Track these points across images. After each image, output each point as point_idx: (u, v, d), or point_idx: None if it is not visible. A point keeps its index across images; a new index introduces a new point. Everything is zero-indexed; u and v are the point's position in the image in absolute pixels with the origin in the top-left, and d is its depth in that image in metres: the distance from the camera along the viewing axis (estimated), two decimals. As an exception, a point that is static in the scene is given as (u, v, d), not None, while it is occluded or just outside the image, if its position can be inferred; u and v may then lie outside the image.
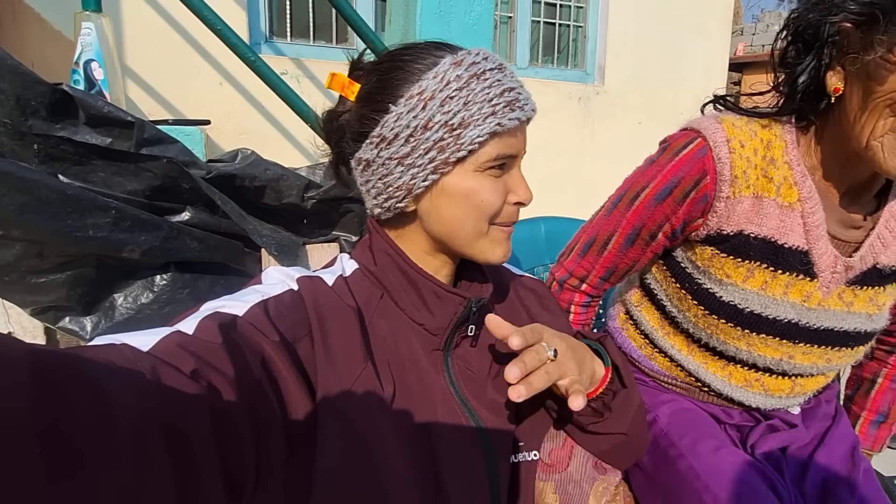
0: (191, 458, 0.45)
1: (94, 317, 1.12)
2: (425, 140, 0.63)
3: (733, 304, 0.81)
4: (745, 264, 0.80)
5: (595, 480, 0.72)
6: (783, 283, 0.79)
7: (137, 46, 2.37)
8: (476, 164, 0.64)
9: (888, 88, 0.66)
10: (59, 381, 0.36)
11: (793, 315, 0.80)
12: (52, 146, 1.00)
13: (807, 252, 0.79)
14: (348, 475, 0.58)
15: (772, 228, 0.78)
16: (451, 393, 0.68)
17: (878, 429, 0.97)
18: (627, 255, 0.89)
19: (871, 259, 0.80)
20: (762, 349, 0.83)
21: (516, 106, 0.64)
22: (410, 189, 0.65)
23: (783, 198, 0.78)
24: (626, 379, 0.74)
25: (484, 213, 0.66)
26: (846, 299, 0.81)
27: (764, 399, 0.87)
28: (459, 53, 0.65)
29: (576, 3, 3.70)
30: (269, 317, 0.59)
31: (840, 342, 0.83)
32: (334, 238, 1.37)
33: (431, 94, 0.63)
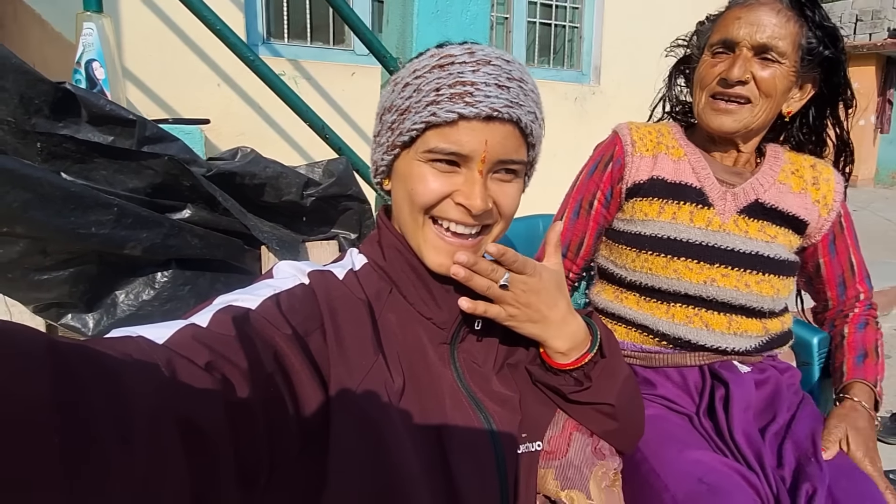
0: (205, 449, 0.45)
1: (96, 314, 1.12)
2: (386, 122, 0.68)
3: (654, 235, 1.03)
4: (656, 202, 1.05)
5: (594, 465, 0.74)
6: (688, 212, 1.03)
7: (136, 48, 2.38)
8: (418, 153, 0.65)
9: (698, 74, 1.04)
10: (77, 371, 0.37)
11: (701, 237, 1.02)
12: (54, 144, 1.01)
13: (700, 188, 1.05)
14: (361, 466, 0.59)
15: (669, 172, 1.06)
16: (458, 386, 0.69)
17: (864, 363, 1.03)
18: (576, 227, 1.13)
19: (753, 194, 1.04)
20: (687, 274, 1.01)
21: (462, 100, 0.61)
22: (377, 165, 0.72)
23: (672, 154, 1.08)
24: (607, 349, 0.76)
25: (415, 202, 0.65)
26: (741, 226, 1.03)
27: (707, 334, 1.00)
28: (449, 46, 0.67)
29: (571, 4, 3.72)
30: (282, 310, 0.60)
31: (749, 265, 1.01)
32: (333, 235, 1.38)
33: (400, 79, 0.67)
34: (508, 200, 0.68)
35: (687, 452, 0.86)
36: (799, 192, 1.06)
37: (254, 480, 0.52)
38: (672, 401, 1.00)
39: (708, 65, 1.01)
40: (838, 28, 1.02)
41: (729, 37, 0.98)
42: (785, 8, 0.97)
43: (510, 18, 3.51)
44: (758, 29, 0.96)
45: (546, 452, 0.74)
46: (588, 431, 0.78)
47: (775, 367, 1.06)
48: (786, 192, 1.05)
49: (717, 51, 1.00)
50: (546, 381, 0.75)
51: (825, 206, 1.07)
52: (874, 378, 1.02)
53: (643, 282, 1.05)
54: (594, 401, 0.74)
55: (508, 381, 0.75)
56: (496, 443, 0.68)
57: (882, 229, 6.56)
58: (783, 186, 1.06)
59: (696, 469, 0.83)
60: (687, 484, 0.81)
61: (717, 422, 0.95)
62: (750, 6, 0.98)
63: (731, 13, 1.00)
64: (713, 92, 1.00)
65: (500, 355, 0.76)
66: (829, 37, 1.00)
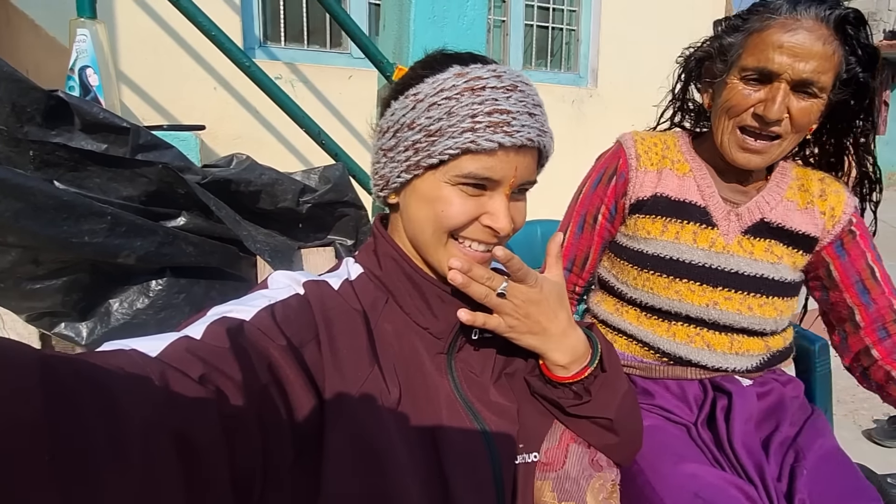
0: (200, 462, 0.45)
1: (90, 322, 1.11)
2: (405, 139, 0.65)
3: (657, 254, 1.00)
4: (659, 220, 1.02)
5: (592, 477, 0.73)
6: (691, 232, 1.00)
7: (132, 53, 2.37)
8: (448, 176, 0.64)
9: (724, 99, 0.94)
10: (69, 386, 0.37)
11: (704, 259, 0.99)
12: (47, 152, 1.00)
13: (704, 207, 1.01)
14: (356, 478, 0.59)
15: (673, 189, 1.02)
16: (455, 396, 0.69)
17: None
18: (581, 242, 1.10)
19: (759, 213, 1.00)
20: (689, 296, 0.99)
21: (501, 129, 0.62)
22: (388, 181, 0.69)
23: (678, 169, 1.04)
24: (607, 363, 0.75)
25: (442, 224, 0.66)
26: (746, 247, 1.00)
27: (709, 355, 0.98)
28: (472, 66, 0.65)
29: (568, 7, 3.72)
30: (276, 321, 0.60)
31: (753, 287, 0.98)
32: (329, 242, 1.38)
33: (423, 97, 0.64)
34: (522, 217, 0.71)
35: (683, 466, 0.86)
36: (805, 207, 1.01)
37: (248, 492, 0.51)
38: (670, 411, 0.99)
39: (740, 93, 0.91)
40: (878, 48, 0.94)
41: (768, 67, 0.87)
42: (830, 35, 0.87)
43: (507, 21, 3.51)
44: (802, 61, 0.86)
45: (543, 464, 0.74)
46: (586, 443, 0.77)
47: (777, 379, 1.05)
48: (792, 210, 1.01)
49: (750, 77, 0.91)
50: (545, 394, 0.74)
51: (831, 218, 1.00)
52: None
53: (644, 300, 1.02)
54: (593, 415, 0.73)
55: (506, 391, 0.74)
56: (493, 453, 0.67)
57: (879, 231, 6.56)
58: (790, 204, 1.01)
59: (691, 483, 0.82)
60: (683, 499, 0.81)
61: (716, 432, 0.94)
62: (793, 30, 0.86)
63: (770, 36, 0.88)
64: (743, 124, 0.92)
65: (498, 365, 0.75)
66: (869, 58, 0.92)
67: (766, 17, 0.90)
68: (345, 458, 0.59)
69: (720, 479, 0.84)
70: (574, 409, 0.73)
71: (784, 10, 0.88)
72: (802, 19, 0.87)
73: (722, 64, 0.95)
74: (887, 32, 10.83)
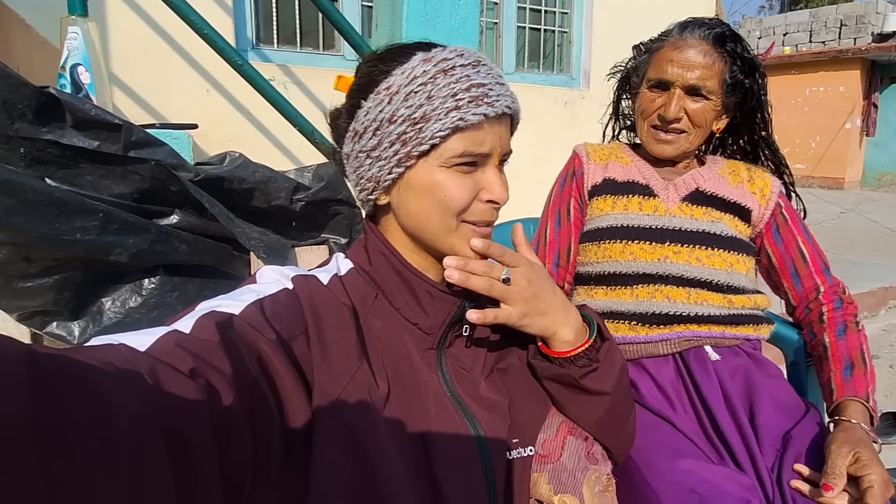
0: (190, 458, 0.45)
1: (82, 321, 1.11)
2: (389, 133, 0.65)
3: (610, 226, 1.13)
4: (609, 198, 1.17)
5: (588, 470, 0.73)
6: (637, 203, 1.15)
7: (124, 53, 2.37)
8: (441, 159, 0.65)
9: (638, 106, 1.16)
10: (56, 382, 0.36)
11: (651, 222, 1.12)
12: (38, 149, 1.00)
13: (646, 184, 1.17)
14: (345, 474, 0.58)
15: (619, 174, 1.19)
16: (444, 391, 0.69)
17: (852, 376, 1.00)
18: (561, 235, 1.21)
19: (693, 184, 1.16)
20: (642, 255, 1.09)
21: (483, 101, 0.64)
22: (378, 181, 0.67)
23: (621, 161, 1.22)
24: (607, 333, 0.76)
25: (448, 208, 0.66)
26: (686, 211, 1.13)
27: (669, 305, 1.07)
28: (433, 50, 0.66)
29: (560, 9, 3.74)
30: (266, 315, 0.59)
31: (698, 241, 1.10)
32: (323, 240, 1.38)
33: (397, 89, 0.64)
34: (508, 189, 0.71)
35: (679, 462, 0.86)
36: (736, 185, 1.17)
37: (238, 489, 0.51)
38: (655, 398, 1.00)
39: (647, 99, 1.13)
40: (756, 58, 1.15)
41: (663, 77, 1.09)
42: (711, 49, 1.08)
43: (500, 24, 3.52)
44: (688, 71, 1.07)
45: (539, 456, 0.74)
46: (582, 435, 0.77)
47: (747, 352, 1.08)
48: (724, 184, 1.16)
49: (652, 86, 1.12)
50: (553, 373, 0.74)
51: (763, 197, 1.15)
52: (865, 391, 0.98)
53: (606, 270, 1.12)
54: (600, 388, 0.74)
55: (498, 385, 0.74)
56: (483, 448, 0.67)
57: (869, 231, 6.64)
58: (721, 179, 1.17)
59: (687, 479, 0.83)
60: (679, 496, 0.81)
61: (702, 423, 0.95)
62: (679, 48, 1.09)
63: (664, 53, 1.11)
64: (653, 124, 1.13)
65: (490, 360, 0.75)
66: (749, 66, 1.12)
67: (662, 39, 1.14)
68: (333, 453, 0.58)
69: (716, 475, 0.84)
70: (585, 381, 0.73)
71: (675, 34, 1.12)
72: (688, 38, 1.09)
73: (636, 78, 1.19)
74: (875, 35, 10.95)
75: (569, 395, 0.76)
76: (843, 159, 11.16)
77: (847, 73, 11.00)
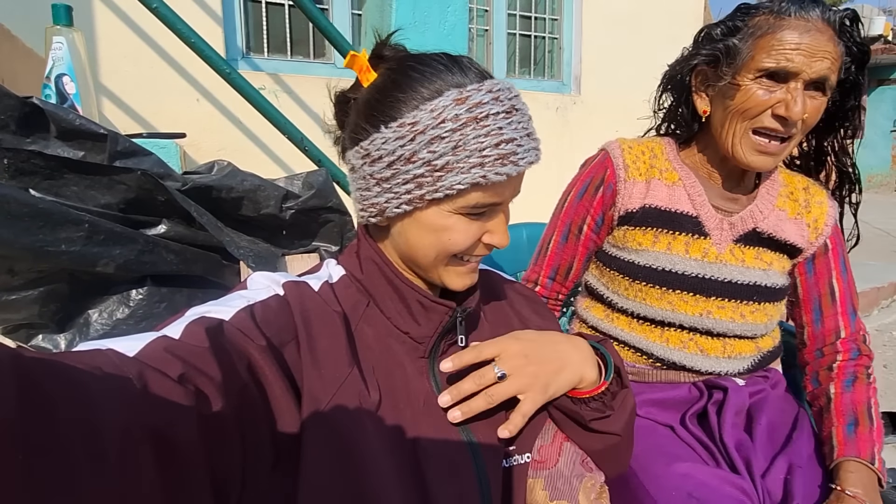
0: (178, 464, 0.44)
1: (69, 334, 1.09)
2: (405, 172, 0.61)
3: (649, 266, 0.99)
4: (650, 231, 1.00)
5: (583, 477, 0.72)
6: (683, 243, 0.99)
7: (113, 63, 2.36)
8: (453, 207, 0.63)
9: (737, 102, 0.91)
10: (44, 386, 0.36)
11: (698, 270, 0.98)
12: (22, 160, 0.98)
13: (696, 217, 1.00)
14: (334, 482, 0.58)
15: (663, 200, 1.01)
16: (436, 399, 0.68)
17: (855, 434, 0.91)
18: (565, 252, 1.09)
19: (751, 222, 1.00)
20: (682, 306, 0.98)
21: (509, 160, 0.61)
22: (383, 211, 0.65)
23: (666, 178, 1.02)
24: (626, 379, 0.75)
25: (449, 251, 0.65)
26: (738, 256, 1.00)
27: (702, 360, 0.98)
28: (469, 88, 0.61)
29: (550, 16, 3.76)
30: (256, 322, 0.59)
31: (746, 296, 0.98)
32: (314, 249, 1.36)
33: (423, 129, 0.60)
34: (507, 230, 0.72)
35: (676, 466, 0.85)
36: (794, 217, 1.02)
37: (227, 495, 0.50)
38: (658, 407, 0.98)
39: (756, 95, 0.89)
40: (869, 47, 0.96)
41: (787, 68, 0.86)
42: (835, 34, 0.89)
43: (490, 30, 3.54)
44: (818, 60, 0.86)
45: (536, 462, 0.73)
46: (578, 442, 0.76)
47: (766, 377, 1.05)
48: (783, 220, 1.01)
49: (763, 77, 0.89)
50: (565, 407, 0.73)
51: (815, 231, 1.03)
52: (870, 451, 0.89)
53: (636, 310, 1.01)
54: (608, 430, 0.73)
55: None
56: (476, 455, 0.66)
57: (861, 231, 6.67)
58: (781, 213, 1.02)
59: (685, 483, 0.82)
60: (676, 499, 0.80)
61: (707, 427, 0.94)
62: (807, 31, 0.86)
63: (785, 36, 0.87)
64: (761, 125, 0.90)
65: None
66: (862, 57, 0.94)
67: (775, 17, 0.89)
68: (323, 460, 0.58)
69: (713, 478, 0.83)
70: (594, 424, 0.72)
71: (793, 12, 0.88)
72: (812, 20, 0.87)
73: (728, 67, 0.92)
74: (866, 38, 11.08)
75: (573, 428, 0.75)
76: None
77: (835, 77, 11.11)
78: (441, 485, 0.62)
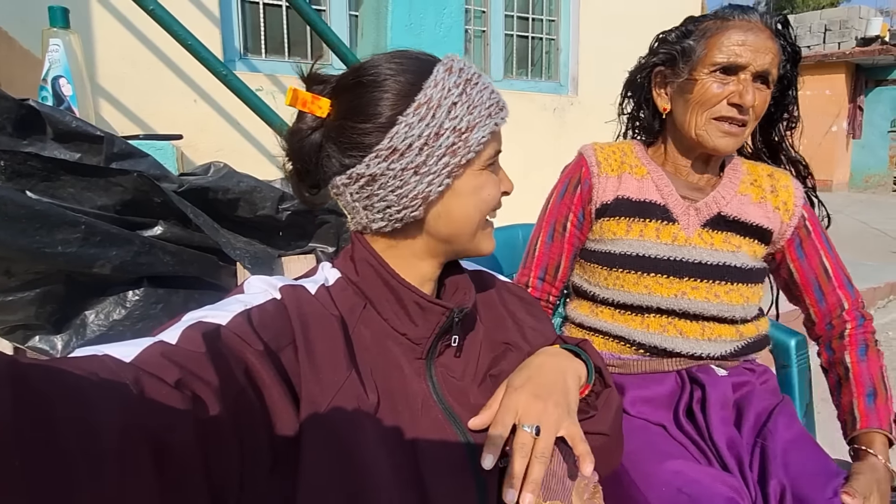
0: (175, 469, 0.44)
1: (65, 335, 1.09)
2: (438, 147, 0.64)
3: (624, 253, 1.06)
4: (623, 221, 1.08)
5: (577, 477, 0.73)
6: (654, 229, 1.06)
7: (110, 65, 2.36)
8: (481, 164, 0.68)
9: (696, 95, 1.01)
10: (41, 392, 0.36)
11: (669, 252, 1.04)
12: (18, 162, 0.98)
13: (664, 205, 1.07)
14: (333, 484, 0.58)
15: (633, 191, 1.09)
16: (434, 401, 0.68)
17: (875, 404, 0.98)
18: (552, 251, 1.14)
19: (716, 207, 1.07)
20: (658, 289, 1.04)
21: (499, 106, 0.69)
22: (427, 196, 0.66)
23: (636, 173, 1.10)
24: (608, 378, 0.76)
25: (489, 205, 0.71)
26: (706, 239, 1.06)
27: (682, 342, 1.02)
28: (444, 60, 0.68)
29: (548, 17, 3.77)
30: (253, 326, 0.59)
31: (717, 276, 1.04)
32: (310, 250, 1.37)
33: (438, 102, 0.64)
34: None
35: (667, 463, 0.86)
36: (759, 201, 1.09)
37: (225, 500, 0.50)
38: (649, 405, 0.99)
39: (712, 87, 1.00)
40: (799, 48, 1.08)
41: (736, 61, 0.97)
42: (772, 35, 1.00)
43: (487, 32, 3.54)
44: (762, 55, 0.97)
45: (529, 463, 0.73)
46: (571, 442, 0.77)
47: (752, 369, 1.07)
48: (747, 204, 1.08)
49: (717, 71, 0.99)
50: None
51: (786, 212, 1.09)
52: (888, 421, 0.96)
53: (616, 298, 1.07)
54: (594, 430, 0.74)
55: (490, 392, 0.74)
56: (473, 456, 0.66)
57: (858, 231, 6.70)
58: (744, 198, 1.09)
59: (675, 480, 0.83)
60: (667, 496, 0.81)
61: (696, 424, 0.95)
62: (750, 30, 0.98)
63: (732, 35, 0.98)
64: (719, 115, 1.00)
65: (482, 367, 0.75)
66: (795, 55, 1.06)
67: (721, 21, 1.02)
68: (322, 464, 0.58)
69: (703, 475, 0.84)
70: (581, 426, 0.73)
71: (736, 15, 1.01)
72: (753, 21, 0.99)
73: (685, 64, 1.04)
74: (859, 40, 11.11)
75: None
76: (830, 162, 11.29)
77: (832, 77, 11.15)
78: (440, 483, 0.62)
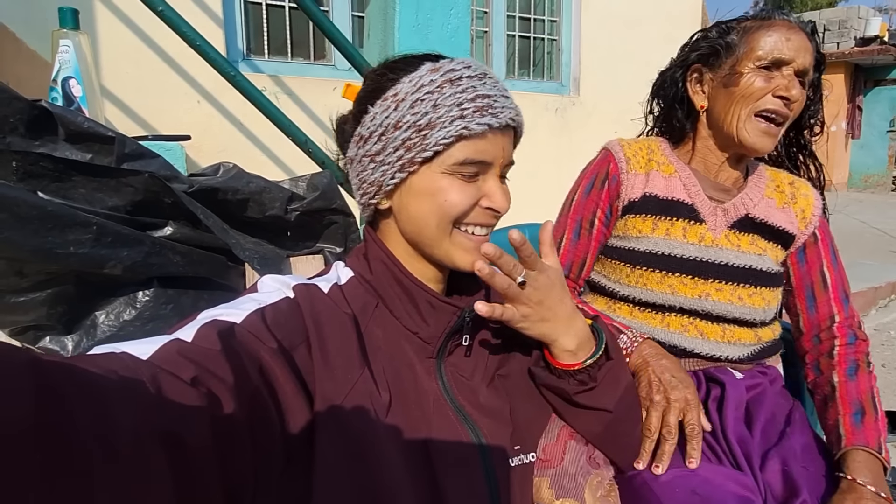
0: (190, 465, 0.45)
1: (76, 335, 1.09)
2: (394, 139, 0.66)
3: (648, 251, 1.04)
4: (649, 218, 1.06)
5: (589, 474, 0.73)
6: (681, 228, 1.05)
7: (115, 66, 2.36)
8: (443, 166, 0.66)
9: (741, 88, 0.99)
10: (60, 389, 0.36)
11: (695, 253, 1.03)
12: (30, 163, 0.99)
13: (691, 204, 1.06)
14: (347, 481, 0.59)
15: (661, 189, 1.07)
16: (445, 399, 0.69)
17: (863, 423, 0.93)
18: (578, 248, 1.11)
19: (743, 209, 1.07)
20: (681, 289, 1.02)
21: (488, 112, 0.65)
22: (380, 185, 0.68)
23: (663, 170, 1.09)
24: (613, 352, 0.76)
25: (447, 213, 0.67)
26: (733, 241, 1.05)
27: (702, 343, 1.01)
28: (442, 61, 0.67)
29: (549, 17, 3.78)
30: (267, 324, 0.60)
31: (742, 278, 1.03)
32: (318, 250, 1.37)
33: (404, 96, 0.65)
34: (510, 198, 0.72)
35: (680, 463, 0.86)
36: (782, 206, 1.09)
37: (239, 496, 0.51)
38: None
39: (758, 80, 0.98)
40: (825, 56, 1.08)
41: (781, 56, 0.97)
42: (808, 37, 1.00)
43: (489, 32, 3.55)
44: (802, 54, 0.97)
45: (541, 461, 0.74)
46: (583, 440, 0.77)
47: (764, 372, 1.07)
48: (772, 207, 1.08)
49: (762, 66, 0.98)
50: (550, 383, 0.75)
51: (803, 220, 1.09)
52: (877, 440, 0.91)
53: (637, 296, 1.05)
54: (596, 405, 0.74)
55: (499, 392, 0.74)
56: (485, 455, 0.67)
57: (857, 231, 6.71)
58: (770, 202, 1.09)
59: (689, 480, 0.83)
60: (680, 496, 0.81)
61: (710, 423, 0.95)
62: (792, 29, 0.98)
63: (777, 31, 0.98)
64: (762, 109, 0.98)
65: (491, 367, 0.76)
66: (821, 62, 1.06)
67: (761, 20, 1.02)
68: (335, 461, 0.58)
69: (717, 475, 0.84)
70: (579, 398, 0.73)
71: (776, 15, 1.01)
72: (794, 23, 1.00)
73: (728, 58, 1.02)
74: (858, 39, 11.12)
75: (565, 408, 0.76)
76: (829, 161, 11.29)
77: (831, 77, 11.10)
78: (452, 482, 0.63)
